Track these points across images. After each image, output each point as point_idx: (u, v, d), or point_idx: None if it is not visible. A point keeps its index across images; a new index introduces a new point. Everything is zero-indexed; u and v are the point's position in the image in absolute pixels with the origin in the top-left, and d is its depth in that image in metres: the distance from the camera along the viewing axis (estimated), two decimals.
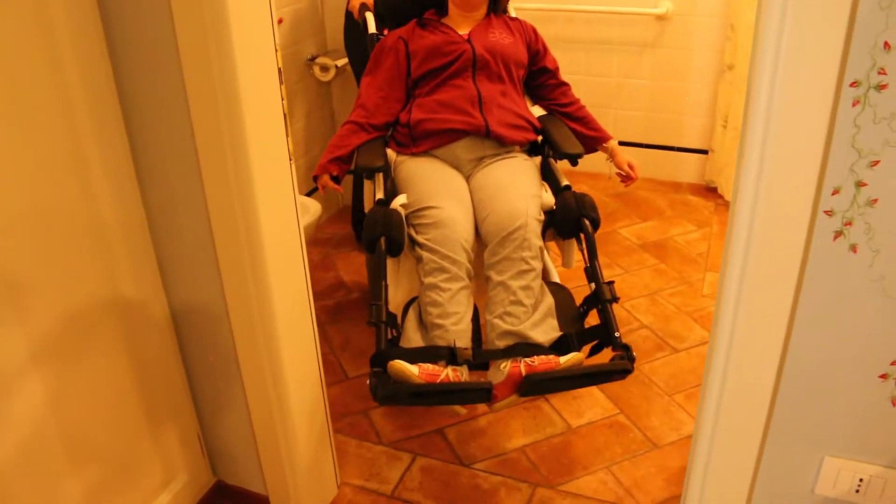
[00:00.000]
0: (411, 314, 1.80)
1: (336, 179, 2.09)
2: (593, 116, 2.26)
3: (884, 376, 1.10)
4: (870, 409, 1.13)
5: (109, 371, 1.45)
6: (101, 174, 1.36)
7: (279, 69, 1.40)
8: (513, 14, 2.35)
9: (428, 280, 1.76)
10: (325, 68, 2.90)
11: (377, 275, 1.78)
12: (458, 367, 1.65)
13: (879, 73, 0.93)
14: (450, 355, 1.66)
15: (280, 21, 2.68)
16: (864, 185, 1.00)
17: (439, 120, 2.04)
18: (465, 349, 1.69)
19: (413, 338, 1.73)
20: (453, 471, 1.92)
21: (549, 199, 1.97)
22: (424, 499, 1.84)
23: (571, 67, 3.36)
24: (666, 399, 2.14)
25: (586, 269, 1.84)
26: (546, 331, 1.73)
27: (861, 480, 1.19)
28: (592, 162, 2.27)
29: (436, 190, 1.91)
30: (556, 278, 2.04)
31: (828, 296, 1.08)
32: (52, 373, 1.30)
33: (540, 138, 2.18)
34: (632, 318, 2.53)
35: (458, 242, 1.78)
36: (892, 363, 1.09)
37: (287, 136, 1.46)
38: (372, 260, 1.93)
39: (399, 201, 1.93)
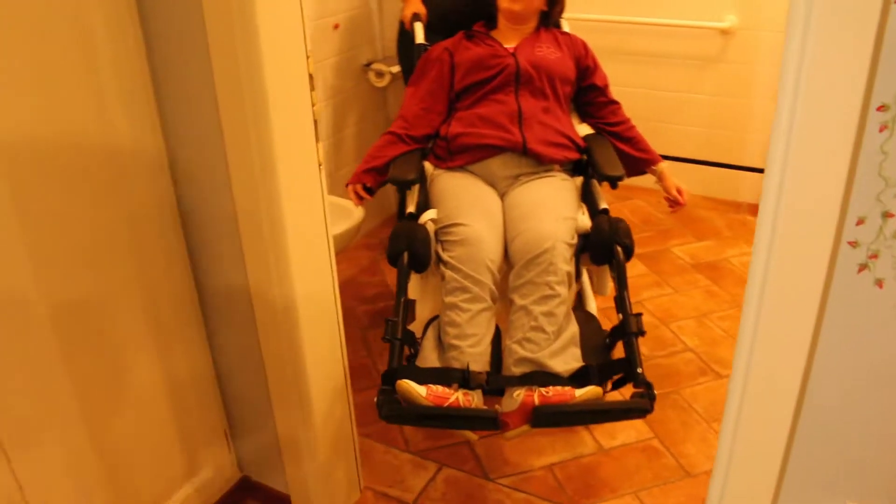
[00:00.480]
0: (430, 333, 1.77)
1: (370, 190, 2.07)
2: (643, 137, 2.18)
3: None
4: (894, 452, 1.06)
5: (137, 362, 1.49)
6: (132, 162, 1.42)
7: (310, 75, 1.43)
8: (566, 28, 2.32)
9: (448, 299, 1.73)
10: (380, 74, 2.93)
11: (398, 290, 1.75)
12: (470, 392, 1.61)
13: None
14: (463, 378, 1.61)
15: (336, 26, 2.73)
16: (892, 215, 0.94)
17: (476, 135, 2.00)
18: (480, 373, 1.64)
19: (429, 357, 1.70)
20: (477, 484, 1.90)
21: (585, 222, 1.90)
22: None
23: (630, 80, 3.29)
24: (704, 426, 2.06)
25: (615, 299, 1.77)
26: (567, 360, 1.67)
27: None
28: (649, 176, 2.21)
29: (466, 206, 1.87)
30: (592, 304, 1.99)
31: (851, 332, 1.02)
32: (82, 358, 1.36)
33: (584, 157, 2.12)
34: (677, 340, 2.45)
35: (483, 262, 1.74)
36: None
37: (317, 141, 1.48)
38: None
39: (429, 216, 1.91)
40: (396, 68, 2.89)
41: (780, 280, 1.02)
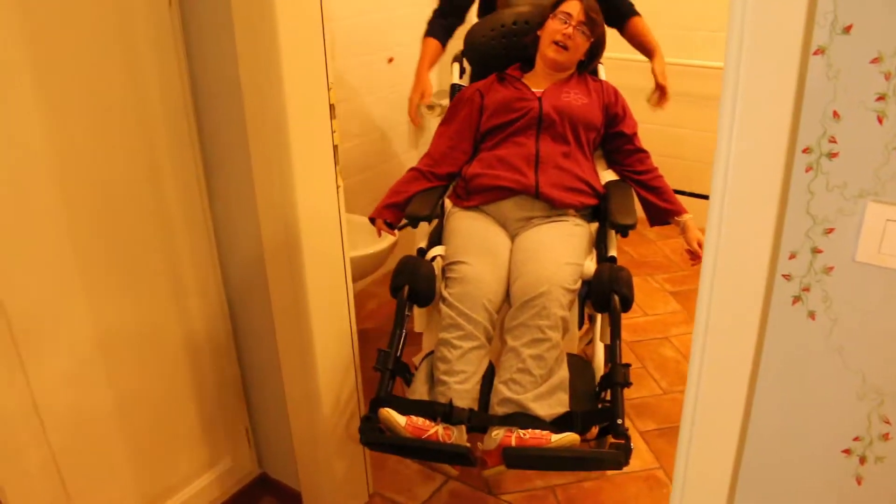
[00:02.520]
0: (423, 366, 1.81)
1: (391, 225, 2.11)
2: (669, 187, 2.19)
3: (847, 451, 1.07)
4: (834, 487, 1.10)
5: (163, 350, 1.66)
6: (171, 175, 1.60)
7: (331, 105, 1.58)
8: (602, 74, 2.36)
9: (442, 335, 1.76)
10: (431, 107, 3.09)
11: (395, 322, 1.79)
12: (451, 427, 1.63)
13: (830, 140, 0.94)
14: (446, 413, 1.64)
15: (391, 60, 2.91)
16: (820, 251, 1.00)
17: (491, 176, 2.03)
18: (463, 410, 1.66)
19: (420, 390, 1.74)
20: (479, 497, 1.98)
21: (592, 267, 1.90)
22: None
23: (678, 121, 3.33)
24: None
25: (607, 347, 1.77)
26: (551, 405, 1.67)
27: None
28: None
29: (471, 245, 1.90)
30: (599, 348, 1.96)
31: (789, 363, 1.07)
32: (114, 342, 1.53)
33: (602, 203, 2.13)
34: None
35: (480, 301, 1.76)
36: (856, 439, 1.06)
37: (336, 164, 1.63)
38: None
39: (437, 251, 1.96)
40: (447, 101, 3.04)
41: (721, 310, 1.09)
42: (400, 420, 1.59)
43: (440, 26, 2.50)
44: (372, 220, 2.13)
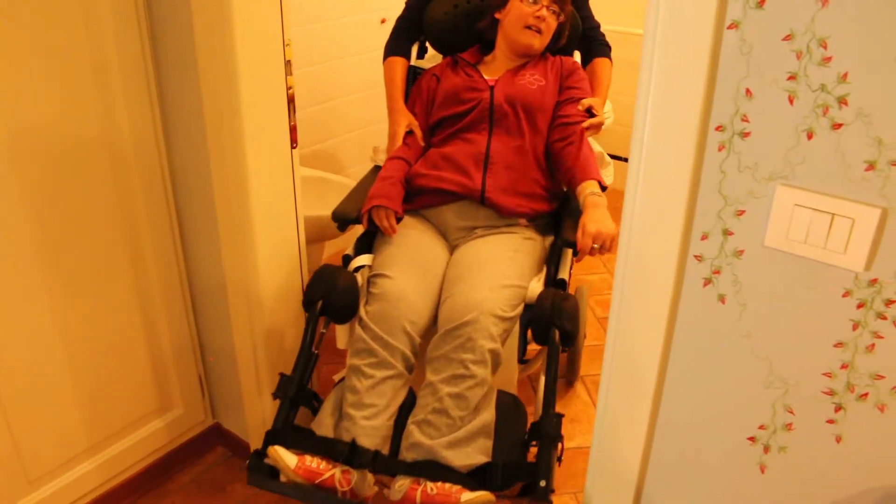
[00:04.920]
0: (333, 394, 1.58)
1: (399, 218, 1.79)
2: (586, 154, 1.77)
3: (752, 439, 1.05)
4: (739, 472, 1.08)
5: (117, 298, 1.68)
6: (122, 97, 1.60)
7: (287, 61, 1.56)
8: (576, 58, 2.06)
9: (352, 361, 1.54)
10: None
11: (302, 342, 1.58)
12: (351, 471, 1.42)
13: (742, 119, 0.91)
14: (349, 454, 1.43)
15: (383, 21, 2.86)
16: (731, 233, 0.97)
17: (434, 177, 1.77)
18: (368, 451, 1.44)
19: (325, 423, 1.52)
20: None
21: (537, 290, 1.63)
22: None
23: (624, 89, 3.21)
24: None
25: (543, 389, 1.51)
26: (468, 454, 1.44)
27: None
28: None
29: (399, 256, 1.66)
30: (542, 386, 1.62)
31: (699, 346, 1.05)
32: (65, 294, 1.55)
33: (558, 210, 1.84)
34: None
35: (399, 323, 1.53)
36: (761, 427, 1.04)
37: (290, 121, 1.61)
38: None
39: (363, 261, 1.73)
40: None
41: (634, 291, 1.07)
42: (290, 461, 1.39)
43: (402, 37, 2.08)
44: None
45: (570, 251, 1.74)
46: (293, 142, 1.64)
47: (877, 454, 0.96)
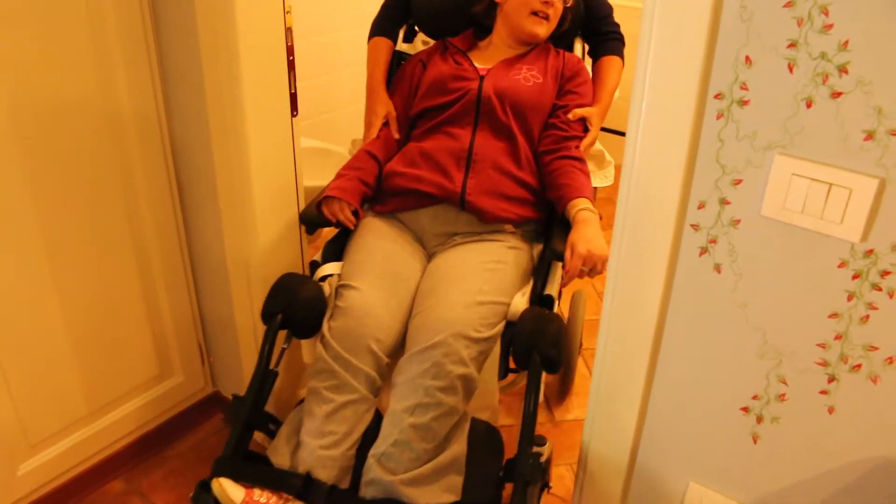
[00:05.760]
0: (292, 417, 1.42)
1: (355, 213, 1.65)
2: (579, 171, 1.59)
3: (745, 409, 1.06)
4: (731, 442, 1.09)
5: (118, 265, 1.68)
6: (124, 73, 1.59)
7: (288, 28, 1.55)
8: (578, 53, 1.88)
9: (311, 383, 1.38)
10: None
11: (259, 358, 1.41)
12: None
13: (741, 87, 0.90)
14: (303, 487, 1.28)
15: None
16: (728, 203, 0.97)
17: (410, 177, 1.59)
18: (324, 484, 1.29)
19: (281, 451, 1.36)
20: None
21: (521, 306, 1.45)
22: None
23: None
24: None
25: (522, 420, 1.33)
26: (434, 492, 1.29)
27: None
28: None
29: (369, 266, 1.49)
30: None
31: (695, 315, 1.05)
32: (64, 261, 1.56)
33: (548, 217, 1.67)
34: None
35: (364, 342, 1.37)
36: (754, 397, 1.04)
37: (290, 88, 1.61)
38: None
39: (331, 269, 1.57)
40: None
41: (631, 259, 1.07)
42: (235, 496, 1.24)
43: (390, 16, 1.93)
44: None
45: (559, 264, 1.56)
46: (294, 109, 1.63)
47: (869, 425, 0.97)
